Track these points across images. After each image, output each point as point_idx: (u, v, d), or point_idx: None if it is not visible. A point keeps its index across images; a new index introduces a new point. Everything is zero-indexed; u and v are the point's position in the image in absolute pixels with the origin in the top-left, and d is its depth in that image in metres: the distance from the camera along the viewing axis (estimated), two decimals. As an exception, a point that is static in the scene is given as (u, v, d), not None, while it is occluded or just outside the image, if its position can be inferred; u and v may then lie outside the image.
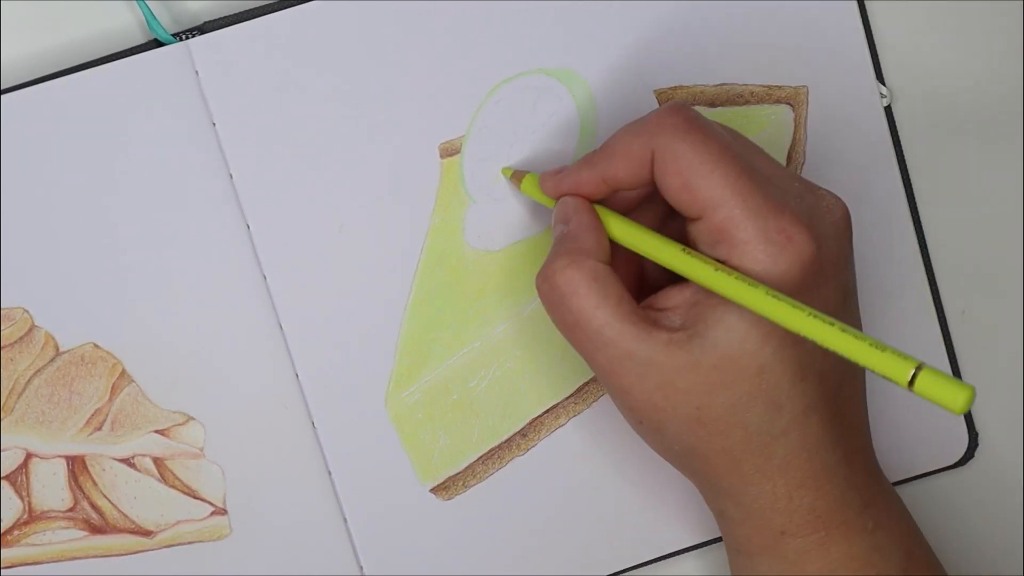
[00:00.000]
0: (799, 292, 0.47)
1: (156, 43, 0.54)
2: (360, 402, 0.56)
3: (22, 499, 0.55)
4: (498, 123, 0.55)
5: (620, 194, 0.51)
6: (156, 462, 0.55)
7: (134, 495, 0.55)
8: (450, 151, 0.55)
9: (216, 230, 0.55)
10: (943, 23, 0.58)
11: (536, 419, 0.57)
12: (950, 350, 0.58)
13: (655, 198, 0.51)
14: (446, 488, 0.56)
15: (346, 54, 0.54)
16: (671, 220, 0.51)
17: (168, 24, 0.55)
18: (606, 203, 0.51)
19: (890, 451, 0.58)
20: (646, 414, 0.49)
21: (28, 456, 0.55)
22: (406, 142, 0.55)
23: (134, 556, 0.55)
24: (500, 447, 0.57)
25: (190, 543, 0.56)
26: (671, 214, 0.50)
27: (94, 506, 0.55)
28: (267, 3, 0.54)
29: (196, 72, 0.54)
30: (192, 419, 0.55)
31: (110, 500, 0.55)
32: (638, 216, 0.51)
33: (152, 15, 0.54)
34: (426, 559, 0.56)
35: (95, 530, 0.55)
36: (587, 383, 0.57)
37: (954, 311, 0.59)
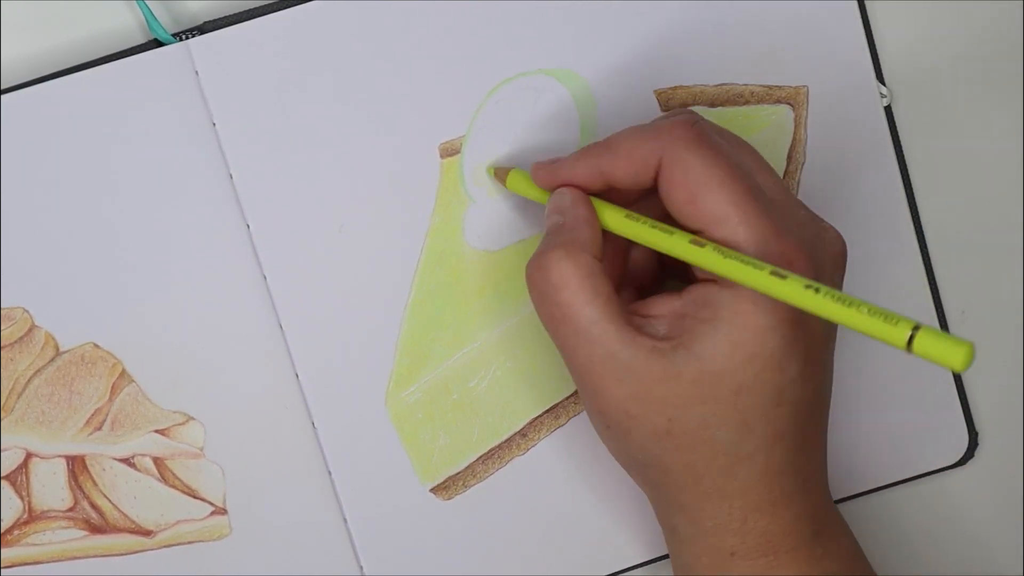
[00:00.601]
0: (788, 320, 0.47)
1: (156, 43, 0.54)
2: (360, 402, 0.56)
3: (22, 499, 0.55)
4: (498, 123, 0.55)
5: (612, 194, 0.51)
6: (156, 462, 0.55)
7: (134, 495, 0.55)
8: (450, 151, 0.55)
9: (216, 230, 0.55)
10: (943, 23, 0.58)
11: (536, 419, 0.57)
12: (950, 350, 0.58)
13: (647, 200, 0.51)
14: (446, 488, 0.56)
15: (346, 54, 0.54)
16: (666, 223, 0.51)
17: (168, 24, 0.55)
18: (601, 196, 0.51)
19: (890, 451, 0.58)
20: (616, 419, 0.49)
21: (28, 456, 0.55)
22: (406, 142, 0.55)
23: (134, 556, 0.55)
24: (500, 447, 0.57)
25: (190, 543, 0.56)
26: (665, 218, 0.50)
27: (94, 506, 0.55)
28: (267, 3, 0.54)
29: (196, 72, 0.54)
30: (192, 419, 0.55)
31: (110, 500, 0.55)
32: None
33: (152, 15, 0.54)
34: (426, 559, 0.56)
35: (95, 530, 0.55)
36: (587, 383, 0.57)
37: (954, 311, 0.59)
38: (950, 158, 0.59)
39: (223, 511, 0.56)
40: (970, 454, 0.59)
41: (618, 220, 0.50)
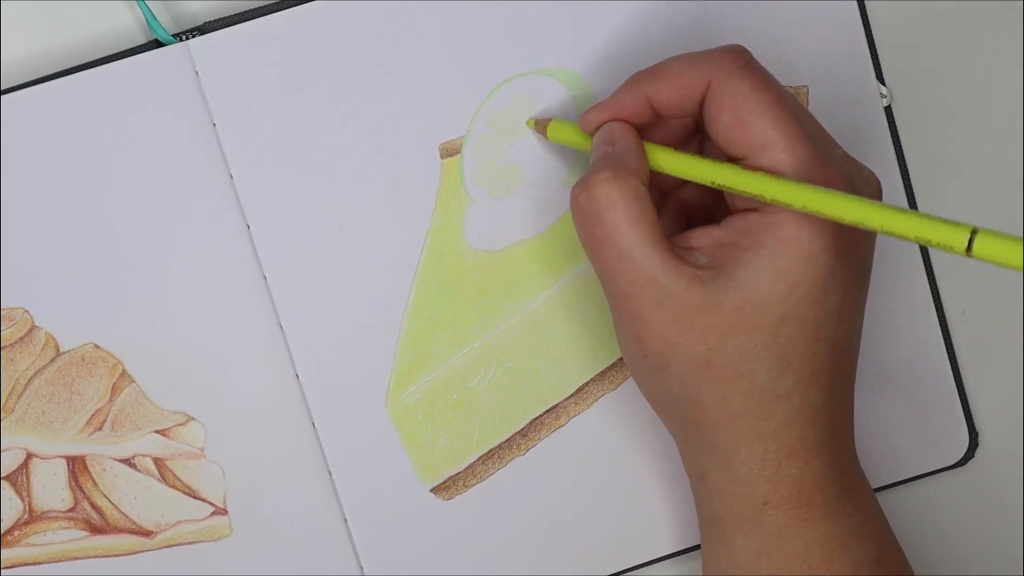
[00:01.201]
0: (831, 248, 0.47)
1: (156, 43, 0.54)
2: (360, 402, 0.56)
3: (22, 499, 0.55)
4: (498, 123, 0.55)
5: (656, 132, 0.51)
6: (156, 462, 0.55)
7: (134, 495, 0.55)
8: (450, 151, 0.55)
9: (216, 230, 0.55)
10: (943, 23, 0.58)
11: (536, 419, 0.57)
12: (950, 350, 0.58)
13: (688, 142, 0.51)
14: (446, 488, 0.56)
15: (346, 54, 0.54)
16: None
17: (168, 24, 0.55)
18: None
19: (890, 451, 0.58)
20: (655, 347, 0.48)
21: (28, 456, 0.55)
22: (406, 142, 0.55)
23: (134, 556, 0.55)
24: (500, 447, 0.57)
25: (190, 543, 0.56)
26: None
27: (94, 506, 0.55)
28: (267, 3, 0.54)
29: (196, 72, 0.54)
30: (192, 419, 0.55)
31: (110, 500, 0.55)
32: None
33: (152, 15, 0.54)
34: (426, 559, 0.56)
35: (95, 530, 0.55)
36: (587, 383, 0.57)
37: (954, 311, 0.59)
38: (950, 158, 0.59)
39: (223, 511, 0.56)
40: (970, 454, 0.59)
41: (666, 156, 0.49)
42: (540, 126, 0.54)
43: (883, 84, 0.57)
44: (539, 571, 0.57)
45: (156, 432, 0.55)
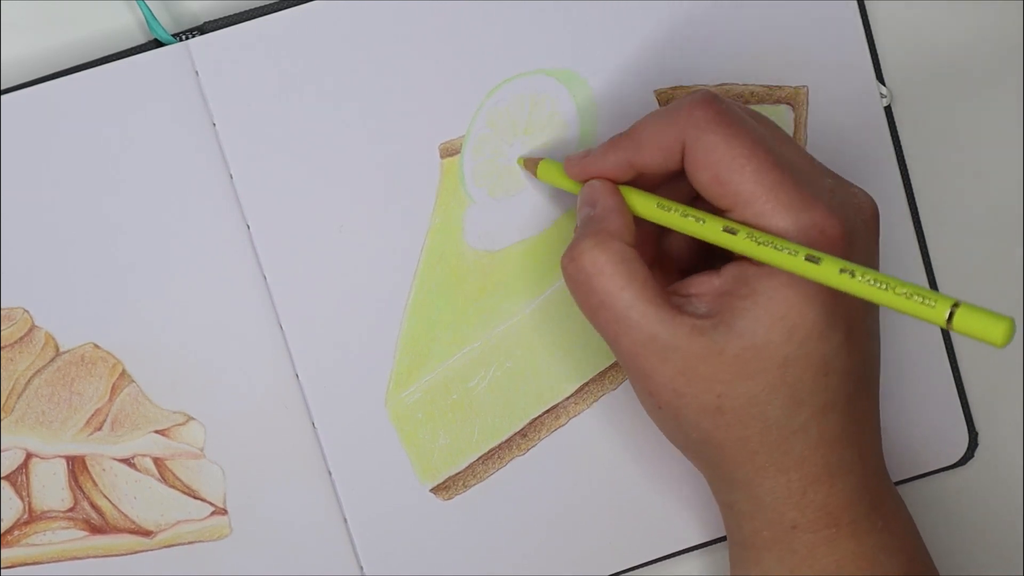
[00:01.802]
0: (828, 288, 0.47)
1: (156, 43, 0.54)
2: (360, 402, 0.56)
3: (22, 499, 0.55)
4: (498, 123, 0.55)
5: (643, 178, 0.51)
6: (156, 462, 0.55)
7: (134, 495, 0.55)
8: (450, 151, 0.55)
9: (216, 230, 0.55)
10: (943, 23, 0.58)
11: (536, 419, 0.57)
12: (950, 350, 0.58)
13: (680, 179, 0.51)
14: (446, 488, 0.56)
15: (346, 54, 0.54)
16: (698, 202, 0.51)
17: (168, 24, 0.55)
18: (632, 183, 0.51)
19: (891, 451, 0.58)
20: (666, 399, 0.49)
21: (28, 456, 0.55)
22: (406, 142, 0.55)
23: (134, 556, 0.55)
24: (500, 447, 0.57)
25: (190, 543, 0.56)
26: (698, 196, 0.50)
27: (94, 506, 0.55)
28: (267, 3, 0.54)
29: (196, 72, 0.54)
30: (192, 419, 0.55)
31: (110, 500, 0.55)
32: (664, 194, 0.51)
33: (152, 15, 0.54)
34: (426, 559, 0.56)
35: (95, 530, 0.55)
36: (587, 383, 0.57)
37: (954, 311, 0.59)
38: (950, 158, 0.59)
39: (223, 511, 0.56)
40: (970, 454, 0.59)
41: (650, 209, 0.50)
42: (530, 165, 0.55)
43: (883, 84, 0.57)
44: (539, 571, 0.57)
45: (156, 432, 0.55)
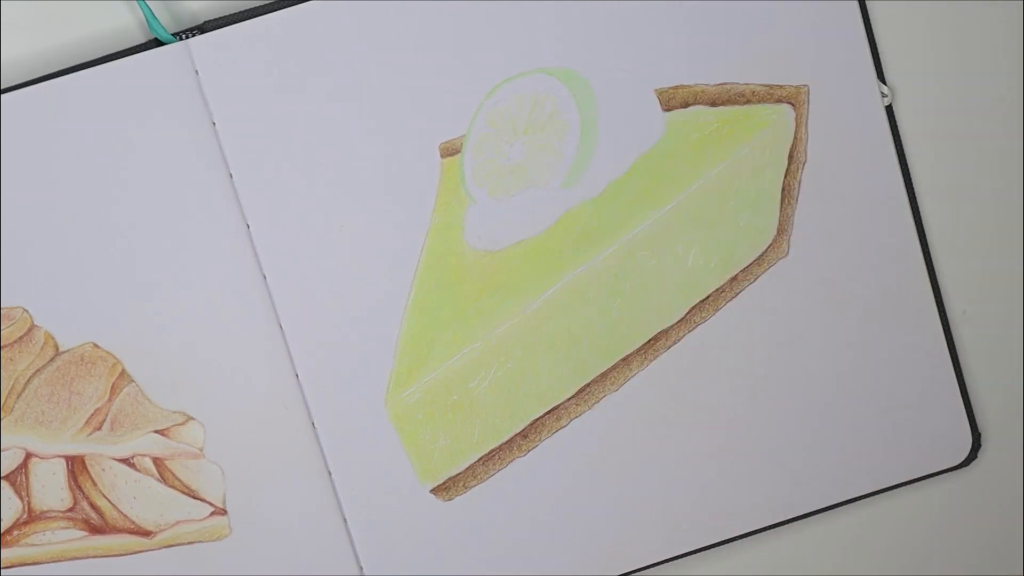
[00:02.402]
0: None
1: (156, 43, 0.54)
2: (360, 402, 0.56)
3: (22, 499, 0.55)
4: (498, 123, 0.55)
5: None
6: (156, 462, 0.55)
7: (134, 495, 0.55)
8: (450, 151, 0.55)
9: (216, 230, 0.55)
10: (943, 23, 0.58)
11: (537, 420, 0.57)
12: (951, 350, 0.58)
13: None
14: (446, 489, 0.56)
15: (346, 54, 0.54)
16: None
17: (168, 24, 0.55)
18: None
19: (892, 453, 0.58)
20: None
21: (28, 456, 0.55)
22: (406, 142, 0.55)
23: (134, 556, 0.55)
24: (500, 448, 0.57)
25: (190, 543, 0.55)
26: None
27: (94, 506, 0.55)
28: (267, 3, 0.54)
29: (196, 72, 0.54)
30: (192, 419, 0.55)
31: (110, 500, 0.55)
32: None
33: (152, 15, 0.54)
34: (426, 559, 0.56)
35: (95, 530, 0.55)
36: (588, 384, 0.57)
37: (955, 311, 0.59)
38: (951, 158, 0.58)
39: (223, 511, 0.55)
40: (973, 456, 0.59)
41: None
42: None
43: (884, 83, 0.57)
44: (539, 572, 0.57)
45: (155, 432, 0.55)
